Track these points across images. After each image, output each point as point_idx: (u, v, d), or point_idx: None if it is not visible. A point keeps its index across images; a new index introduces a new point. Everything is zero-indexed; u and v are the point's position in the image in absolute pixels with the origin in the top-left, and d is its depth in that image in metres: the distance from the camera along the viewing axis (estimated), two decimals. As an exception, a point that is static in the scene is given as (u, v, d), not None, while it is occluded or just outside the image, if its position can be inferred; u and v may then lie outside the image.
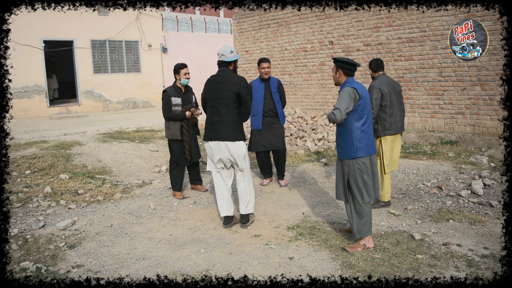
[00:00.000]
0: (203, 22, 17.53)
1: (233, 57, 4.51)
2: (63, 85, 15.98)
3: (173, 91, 5.55)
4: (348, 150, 3.86)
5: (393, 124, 4.92)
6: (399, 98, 5.06)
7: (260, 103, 5.96)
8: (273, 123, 6.02)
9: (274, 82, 6.05)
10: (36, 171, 6.41)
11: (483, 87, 7.53)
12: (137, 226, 4.73)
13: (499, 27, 7.04)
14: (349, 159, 3.87)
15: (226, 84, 4.45)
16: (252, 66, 11.71)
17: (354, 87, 3.81)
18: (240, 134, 4.48)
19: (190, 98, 5.72)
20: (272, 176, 6.37)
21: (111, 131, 9.35)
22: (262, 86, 5.99)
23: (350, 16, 9.26)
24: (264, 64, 5.90)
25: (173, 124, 5.53)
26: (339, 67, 3.94)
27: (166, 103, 5.49)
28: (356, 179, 3.88)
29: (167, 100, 5.49)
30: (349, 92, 3.77)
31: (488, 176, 5.87)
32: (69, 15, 13.38)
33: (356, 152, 3.82)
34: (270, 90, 5.99)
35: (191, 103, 5.68)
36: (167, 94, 5.51)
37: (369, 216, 3.93)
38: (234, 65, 4.60)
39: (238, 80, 4.47)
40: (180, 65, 5.59)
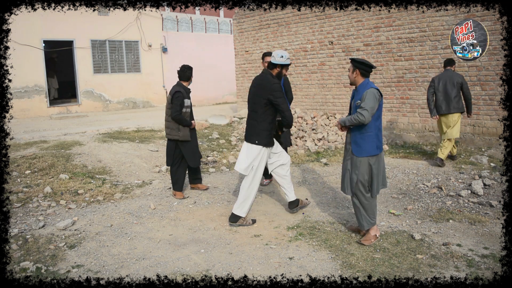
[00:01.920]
0: (203, 22, 17.53)
1: (279, 61, 4.52)
2: (63, 85, 15.98)
3: (185, 93, 5.56)
4: (368, 147, 3.99)
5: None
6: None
7: None
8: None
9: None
10: (36, 171, 6.41)
11: (483, 87, 7.53)
12: (137, 226, 4.73)
13: (499, 27, 7.04)
14: (367, 156, 3.99)
15: (257, 88, 4.52)
16: (252, 66, 11.71)
17: (377, 88, 3.97)
18: (260, 138, 4.49)
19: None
20: (272, 177, 6.36)
21: (111, 131, 9.35)
22: None
23: (350, 16, 9.26)
24: (268, 58, 5.65)
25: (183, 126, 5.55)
26: (356, 67, 4.02)
27: (179, 105, 5.45)
28: (367, 175, 4.03)
29: (181, 102, 5.46)
30: (374, 93, 3.90)
31: (488, 176, 5.87)
32: (69, 15, 13.38)
33: (376, 150, 3.99)
34: None
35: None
36: (181, 95, 5.46)
37: (375, 208, 4.13)
38: (280, 70, 4.58)
39: (268, 84, 4.44)
40: (192, 71, 5.65)
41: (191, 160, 5.65)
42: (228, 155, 7.91)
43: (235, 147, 8.64)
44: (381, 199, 5.42)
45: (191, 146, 5.63)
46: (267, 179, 6.27)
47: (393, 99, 8.82)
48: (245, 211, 4.63)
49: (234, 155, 7.88)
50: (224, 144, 8.80)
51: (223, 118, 11.17)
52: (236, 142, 8.99)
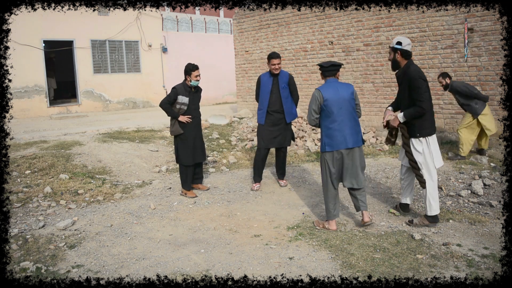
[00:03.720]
0: (203, 22, 17.53)
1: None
2: (63, 85, 15.97)
3: (182, 90, 5.61)
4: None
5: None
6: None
7: (266, 98, 5.83)
8: (279, 119, 5.85)
9: (284, 77, 5.83)
10: (36, 171, 6.41)
11: (483, 87, 7.53)
12: (137, 226, 4.73)
13: (499, 27, 7.04)
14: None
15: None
16: (252, 66, 11.71)
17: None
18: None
19: (198, 98, 5.81)
20: (261, 181, 6.18)
21: (111, 131, 9.35)
22: (271, 81, 5.82)
23: (350, 16, 9.26)
24: (275, 61, 5.67)
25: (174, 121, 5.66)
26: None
27: (169, 96, 5.60)
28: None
29: (173, 95, 5.57)
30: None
31: (488, 176, 5.87)
32: (69, 15, 13.38)
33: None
34: (278, 85, 5.80)
35: (197, 103, 5.79)
36: (175, 91, 5.59)
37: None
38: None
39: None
40: (192, 67, 5.60)
41: (180, 157, 5.70)
42: (228, 155, 7.91)
43: (235, 147, 8.64)
44: (381, 199, 5.42)
45: (183, 143, 5.67)
46: (257, 183, 6.06)
47: (393, 99, 8.81)
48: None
49: (234, 155, 7.88)
50: (224, 144, 8.79)
51: (223, 118, 11.18)
52: (236, 142, 8.99)
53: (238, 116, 11.33)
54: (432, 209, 4.33)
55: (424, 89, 4.21)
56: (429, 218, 4.37)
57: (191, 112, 5.69)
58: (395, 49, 4.35)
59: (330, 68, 4.36)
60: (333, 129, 4.26)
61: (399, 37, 4.39)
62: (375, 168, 6.77)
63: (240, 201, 5.52)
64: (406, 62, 4.36)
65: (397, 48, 4.33)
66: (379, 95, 9.00)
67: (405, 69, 4.33)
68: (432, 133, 4.33)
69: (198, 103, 5.83)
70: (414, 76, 4.22)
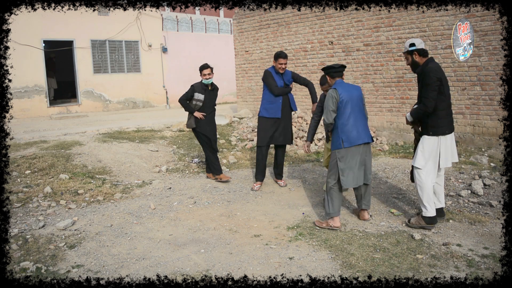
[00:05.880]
0: (203, 22, 17.52)
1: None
2: (63, 85, 15.97)
3: (199, 88, 6.18)
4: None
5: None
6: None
7: (279, 91, 5.91)
8: (286, 115, 5.99)
9: (287, 75, 6.01)
10: (36, 171, 6.41)
11: (483, 87, 7.53)
12: (137, 226, 4.73)
13: (499, 27, 7.04)
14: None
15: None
16: (252, 66, 11.71)
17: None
18: None
19: (214, 96, 6.32)
20: (263, 180, 6.19)
21: (111, 131, 9.35)
22: (278, 77, 5.95)
23: (350, 16, 9.26)
24: (282, 60, 5.80)
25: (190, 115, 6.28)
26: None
27: (186, 93, 6.20)
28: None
29: (191, 92, 6.17)
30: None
31: (488, 176, 5.87)
32: (69, 15, 13.37)
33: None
34: (285, 82, 5.98)
35: (213, 101, 6.30)
36: (193, 88, 6.18)
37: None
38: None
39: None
40: (201, 66, 6.16)
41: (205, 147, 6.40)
42: (228, 155, 7.91)
43: (235, 147, 8.64)
44: (381, 199, 5.42)
45: (199, 137, 6.34)
46: (258, 183, 6.07)
47: (393, 99, 8.82)
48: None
49: (234, 155, 7.88)
50: (224, 144, 8.79)
51: (223, 118, 11.18)
52: (236, 142, 8.99)
53: (238, 116, 11.33)
54: (427, 210, 4.32)
55: (432, 87, 4.15)
56: (426, 219, 4.35)
57: (205, 108, 6.20)
58: (411, 51, 4.36)
59: (339, 69, 4.56)
60: (349, 125, 4.39)
61: (411, 39, 4.41)
62: (375, 168, 6.77)
63: (240, 201, 5.52)
64: (425, 60, 4.34)
65: (413, 50, 4.35)
66: (379, 95, 9.00)
67: (424, 66, 4.32)
68: (447, 133, 4.29)
69: (214, 101, 6.34)
70: (427, 73, 4.20)
